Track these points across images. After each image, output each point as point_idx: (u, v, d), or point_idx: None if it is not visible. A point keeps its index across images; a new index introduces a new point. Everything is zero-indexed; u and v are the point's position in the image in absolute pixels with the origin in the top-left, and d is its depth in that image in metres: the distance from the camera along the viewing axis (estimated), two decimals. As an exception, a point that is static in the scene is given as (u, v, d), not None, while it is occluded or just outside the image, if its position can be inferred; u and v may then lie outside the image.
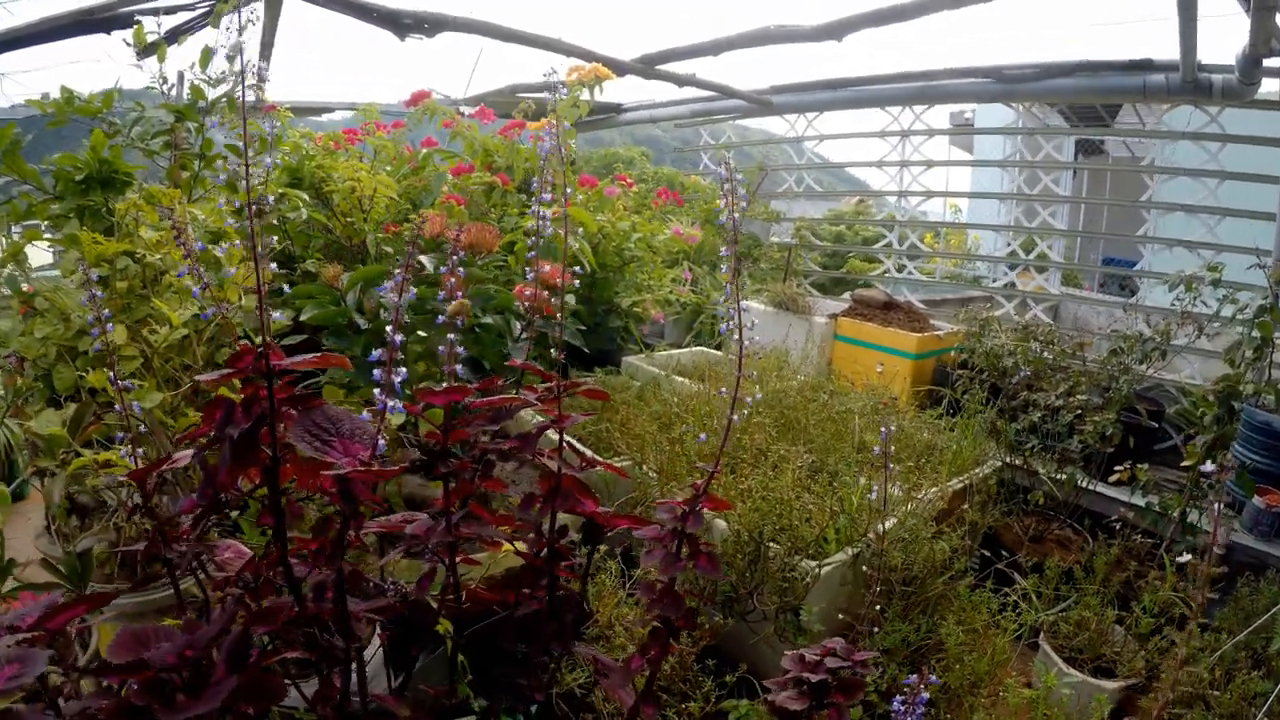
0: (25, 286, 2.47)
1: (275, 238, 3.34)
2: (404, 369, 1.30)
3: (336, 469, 1.16)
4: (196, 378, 1.27)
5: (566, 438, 1.48)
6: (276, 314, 3.12)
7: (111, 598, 1.30)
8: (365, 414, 1.33)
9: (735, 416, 1.48)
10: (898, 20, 4.34)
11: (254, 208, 1.21)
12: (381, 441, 1.28)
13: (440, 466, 1.36)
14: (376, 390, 1.31)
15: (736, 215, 1.42)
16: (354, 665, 1.39)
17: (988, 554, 3.07)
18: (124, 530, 2.37)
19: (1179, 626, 2.55)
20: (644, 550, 1.40)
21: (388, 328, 1.30)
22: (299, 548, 1.34)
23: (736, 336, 1.44)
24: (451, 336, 1.42)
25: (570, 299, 1.54)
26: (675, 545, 1.42)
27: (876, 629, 2.32)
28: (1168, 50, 4.27)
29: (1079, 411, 3.31)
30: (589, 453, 1.55)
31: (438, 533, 1.39)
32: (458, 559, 1.52)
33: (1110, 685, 2.46)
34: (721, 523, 2.52)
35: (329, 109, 6.52)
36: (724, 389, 3.29)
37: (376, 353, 1.30)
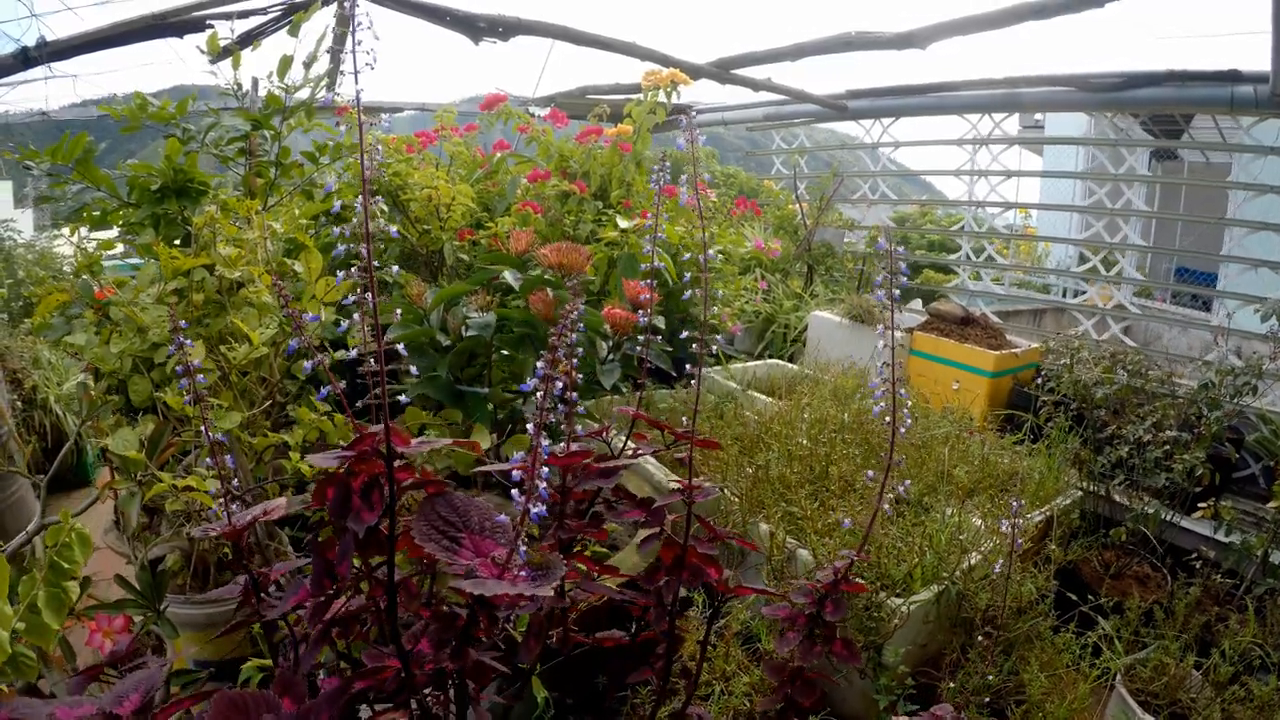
0: (97, 292, 2.46)
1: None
2: (546, 469, 1.14)
3: (472, 575, 1.07)
4: (308, 459, 1.21)
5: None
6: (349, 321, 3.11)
7: (206, 695, 1.24)
8: (488, 505, 1.22)
9: (886, 492, 1.42)
10: (984, 29, 4.26)
11: (359, 238, 1.16)
12: (523, 549, 1.15)
13: (558, 532, 1.32)
14: (515, 492, 1.15)
15: (896, 294, 1.36)
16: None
17: (1064, 588, 2.99)
18: (197, 542, 2.37)
19: (1257, 675, 2.48)
20: (776, 633, 1.36)
21: (529, 427, 1.15)
22: (409, 614, 1.29)
23: (890, 419, 1.37)
24: (564, 409, 1.35)
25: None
26: (810, 629, 1.37)
27: (959, 670, 2.28)
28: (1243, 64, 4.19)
29: (1167, 447, 3.21)
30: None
31: (548, 600, 1.34)
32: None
33: (1185, 734, 2.39)
34: (805, 553, 2.47)
35: (398, 109, 6.56)
36: (806, 410, 3.26)
37: (517, 455, 1.16)
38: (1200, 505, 3.13)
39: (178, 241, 2.63)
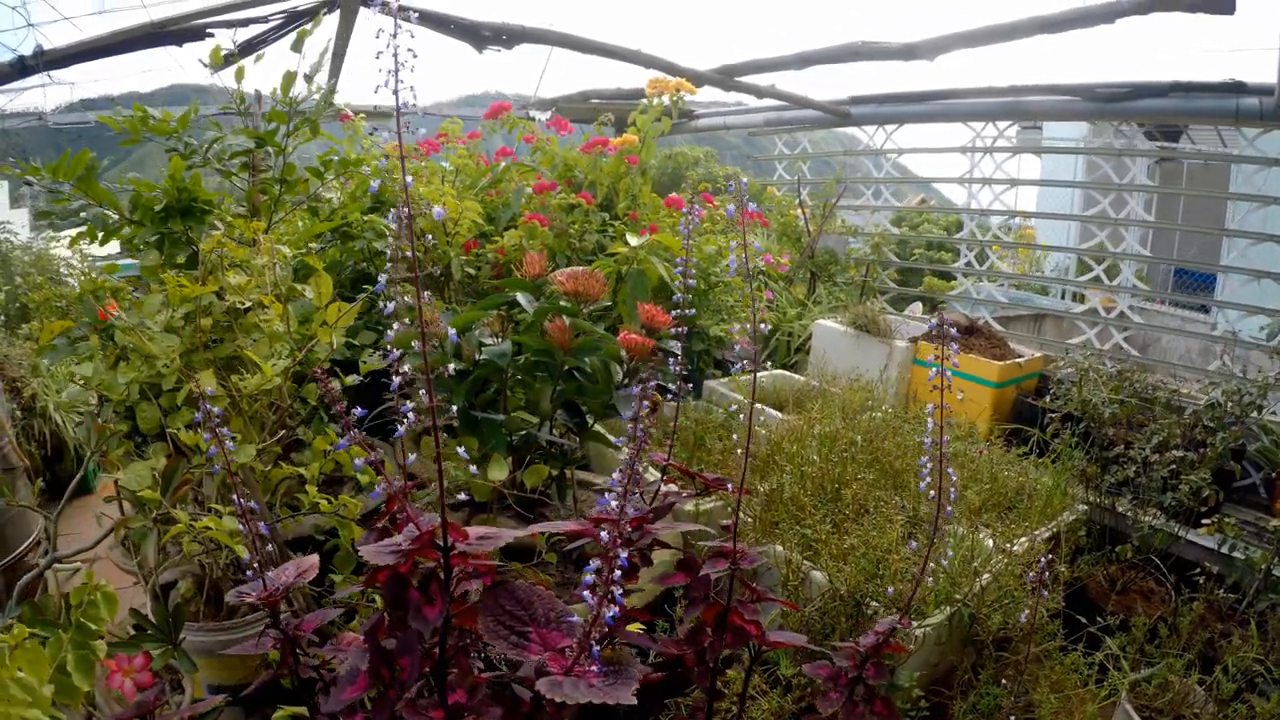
0: (100, 312, 2.42)
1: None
2: (618, 571, 1.12)
3: (544, 673, 1.07)
4: (361, 550, 1.18)
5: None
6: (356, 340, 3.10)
7: None
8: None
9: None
10: (993, 42, 4.25)
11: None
12: (596, 649, 1.12)
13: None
14: (587, 594, 1.13)
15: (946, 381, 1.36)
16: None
17: (1070, 604, 2.99)
18: (210, 567, 2.35)
19: (1260, 691, 2.50)
20: (819, 694, 1.35)
21: (603, 542, 1.14)
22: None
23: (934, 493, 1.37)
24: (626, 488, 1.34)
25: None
26: (851, 690, 1.37)
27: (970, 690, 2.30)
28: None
29: (1173, 466, 3.22)
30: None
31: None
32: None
33: (1189, 751, 2.40)
34: (819, 574, 2.48)
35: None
36: (816, 425, 3.26)
37: (588, 578, 1.14)
38: (1204, 521, 3.15)
39: (182, 260, 2.60)
